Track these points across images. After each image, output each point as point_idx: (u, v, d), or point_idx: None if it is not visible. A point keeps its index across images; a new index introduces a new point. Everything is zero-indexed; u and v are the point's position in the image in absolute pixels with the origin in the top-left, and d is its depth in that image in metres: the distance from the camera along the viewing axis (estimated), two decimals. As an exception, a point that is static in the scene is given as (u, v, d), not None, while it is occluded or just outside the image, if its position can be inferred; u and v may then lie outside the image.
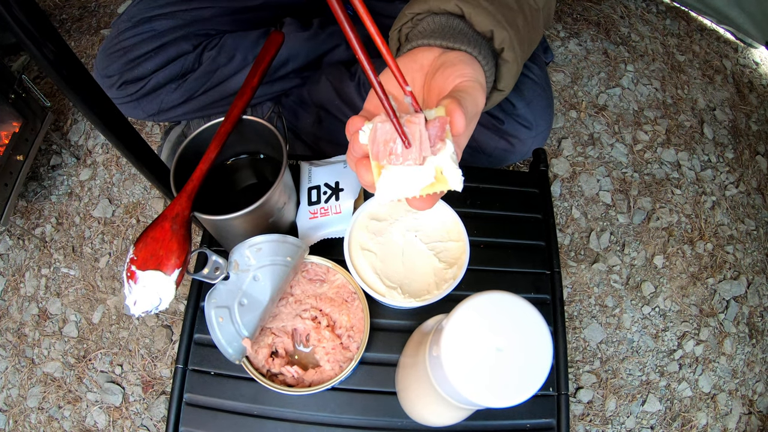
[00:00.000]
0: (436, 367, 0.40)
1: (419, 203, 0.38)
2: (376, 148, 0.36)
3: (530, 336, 0.38)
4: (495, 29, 0.50)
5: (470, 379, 0.37)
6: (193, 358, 0.68)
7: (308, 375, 0.62)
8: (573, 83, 1.41)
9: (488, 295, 0.39)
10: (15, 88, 1.16)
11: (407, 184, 0.36)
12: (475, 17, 0.50)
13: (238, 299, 0.58)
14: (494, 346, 0.38)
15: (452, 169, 0.36)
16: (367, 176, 0.38)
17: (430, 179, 0.36)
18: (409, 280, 0.64)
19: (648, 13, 1.57)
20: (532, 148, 0.88)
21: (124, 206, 1.24)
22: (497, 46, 0.51)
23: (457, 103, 0.37)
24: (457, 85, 0.42)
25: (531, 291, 0.75)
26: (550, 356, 0.37)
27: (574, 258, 1.22)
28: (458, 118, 0.36)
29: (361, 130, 0.37)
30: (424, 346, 0.46)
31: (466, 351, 0.37)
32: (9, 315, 1.17)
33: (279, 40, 0.68)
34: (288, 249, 0.59)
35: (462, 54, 0.47)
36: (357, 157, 0.39)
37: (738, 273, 1.23)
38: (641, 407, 1.11)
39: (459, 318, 0.38)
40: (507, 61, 0.52)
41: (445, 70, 0.44)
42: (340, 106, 0.96)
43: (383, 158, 0.36)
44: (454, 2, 0.51)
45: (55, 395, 1.09)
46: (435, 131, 0.36)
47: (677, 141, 1.37)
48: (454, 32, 0.50)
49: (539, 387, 0.37)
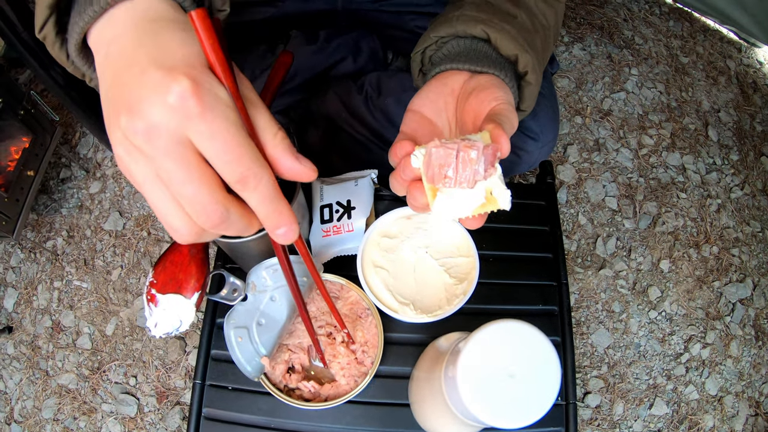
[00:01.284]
0: (451, 387, 0.42)
1: (471, 222, 0.40)
2: (431, 172, 0.38)
3: (540, 364, 0.40)
4: (519, 53, 0.51)
5: (483, 401, 0.39)
6: (211, 374, 0.70)
7: (324, 389, 0.63)
8: (578, 89, 1.42)
9: (503, 324, 0.40)
10: (24, 104, 1.18)
11: (461, 206, 0.38)
12: (501, 41, 0.51)
13: (256, 319, 0.59)
14: (507, 372, 0.39)
15: (502, 190, 0.38)
16: (420, 198, 0.39)
17: (482, 200, 0.38)
18: (421, 295, 0.65)
19: (651, 15, 1.57)
20: (538, 158, 0.89)
21: (135, 219, 1.26)
22: (521, 69, 0.52)
23: (501, 129, 0.39)
24: (494, 109, 0.43)
25: (539, 303, 0.76)
26: (558, 383, 0.39)
27: (581, 264, 1.23)
28: (505, 143, 0.38)
29: (413, 155, 0.39)
30: (440, 366, 0.47)
31: (481, 375, 0.39)
32: (22, 327, 1.19)
33: (288, 61, 0.69)
34: (304, 269, 0.60)
35: (492, 77, 0.48)
36: (408, 180, 0.40)
37: (744, 275, 1.24)
38: (648, 411, 1.12)
39: (475, 344, 0.40)
40: (530, 83, 0.53)
41: (479, 93, 0.45)
42: (347, 120, 0.96)
43: (438, 182, 0.38)
44: (480, 27, 0.52)
45: (70, 406, 1.10)
46: (488, 158, 0.37)
47: (682, 144, 1.38)
48: (481, 56, 0.51)
49: (546, 411, 0.39)
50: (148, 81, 0.29)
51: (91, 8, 0.32)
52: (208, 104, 0.28)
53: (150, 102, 0.28)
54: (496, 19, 0.53)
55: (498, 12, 0.55)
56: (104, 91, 0.31)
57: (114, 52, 0.31)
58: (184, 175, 0.29)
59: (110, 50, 0.32)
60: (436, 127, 0.49)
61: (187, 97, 0.28)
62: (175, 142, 0.28)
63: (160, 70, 0.29)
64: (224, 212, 0.30)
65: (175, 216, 0.30)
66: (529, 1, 0.59)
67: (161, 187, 0.30)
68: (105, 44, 0.32)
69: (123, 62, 0.31)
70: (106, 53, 0.32)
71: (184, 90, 0.28)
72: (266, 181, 0.30)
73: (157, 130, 0.28)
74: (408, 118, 0.48)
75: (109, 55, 0.32)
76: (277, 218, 0.32)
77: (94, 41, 0.34)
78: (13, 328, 1.19)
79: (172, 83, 0.28)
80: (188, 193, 0.29)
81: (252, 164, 0.30)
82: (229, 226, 0.31)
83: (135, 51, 0.30)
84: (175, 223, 0.30)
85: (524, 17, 0.56)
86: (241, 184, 0.30)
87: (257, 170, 0.30)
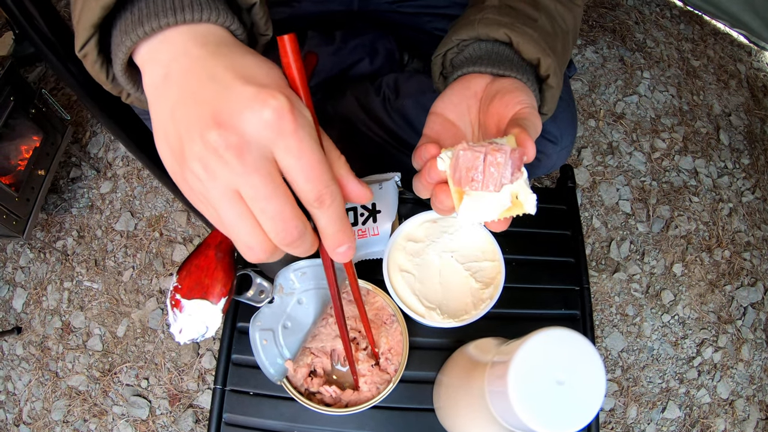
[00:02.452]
0: (498, 397, 0.42)
1: (496, 225, 0.40)
2: (458, 175, 0.37)
3: (586, 370, 0.40)
4: (542, 57, 0.51)
5: (534, 410, 0.39)
6: (232, 379, 0.69)
7: (345, 395, 0.63)
8: (591, 92, 1.42)
9: (550, 332, 0.40)
10: (35, 102, 1.17)
11: (487, 209, 0.38)
12: (523, 45, 0.51)
13: (282, 322, 0.59)
14: (555, 380, 0.39)
15: (527, 194, 0.38)
16: (446, 201, 0.39)
17: (507, 204, 0.38)
18: (447, 300, 0.64)
19: (662, 18, 1.57)
20: (557, 161, 0.89)
21: (147, 219, 1.25)
22: (543, 73, 0.52)
23: (526, 133, 0.39)
24: (518, 112, 0.43)
25: (561, 307, 0.75)
26: (603, 388, 0.40)
27: (596, 268, 1.22)
28: (531, 147, 0.38)
29: (440, 158, 0.39)
30: (478, 373, 0.47)
31: (531, 385, 0.39)
32: (32, 328, 1.18)
33: (313, 62, 0.69)
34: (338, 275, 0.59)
35: (514, 81, 0.48)
36: (433, 182, 0.40)
37: (755, 279, 1.24)
38: (661, 414, 1.12)
39: (525, 354, 0.40)
40: (552, 86, 0.53)
41: (503, 96, 0.45)
42: (365, 121, 0.96)
43: (465, 185, 0.37)
44: (503, 30, 0.51)
45: (80, 408, 1.10)
46: (515, 162, 0.37)
47: (694, 148, 1.38)
48: (503, 59, 0.50)
49: (594, 416, 0.39)
50: (240, 97, 0.29)
51: (142, 28, 0.32)
52: (300, 123, 0.29)
53: (244, 117, 0.28)
54: (518, 23, 0.52)
55: (519, 15, 0.54)
56: (168, 109, 0.31)
57: (177, 71, 0.31)
58: (270, 191, 0.29)
59: (171, 69, 0.32)
60: (459, 130, 0.49)
61: (284, 114, 0.28)
62: (264, 158, 0.29)
63: (250, 86, 0.29)
64: (302, 229, 0.31)
65: (252, 234, 0.30)
66: (549, 5, 0.59)
67: (240, 204, 0.30)
68: (162, 64, 0.32)
69: (194, 80, 0.30)
70: (165, 73, 0.32)
71: (282, 106, 0.28)
72: (339, 200, 0.31)
73: (249, 145, 0.28)
74: (431, 121, 0.47)
75: (170, 74, 0.32)
76: (342, 237, 0.32)
77: (143, 60, 0.34)
78: (22, 329, 1.18)
79: (269, 99, 0.28)
80: (271, 209, 0.29)
81: (330, 183, 0.30)
82: (301, 244, 0.31)
83: (211, 69, 0.30)
84: (251, 241, 0.30)
85: (544, 20, 0.56)
86: (318, 202, 0.31)
87: (333, 189, 0.31)
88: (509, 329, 0.72)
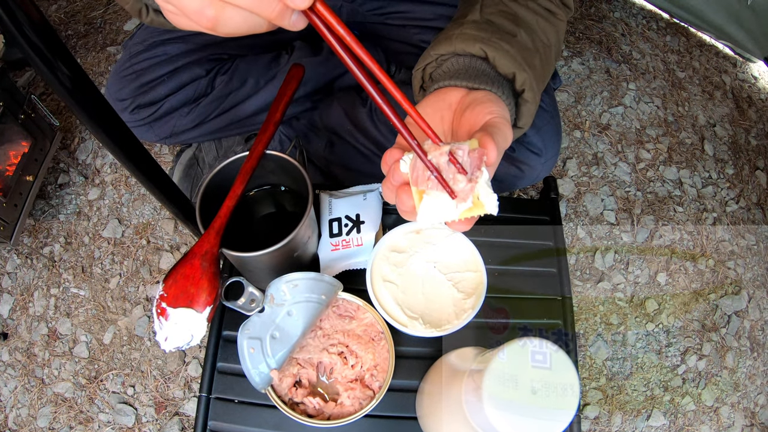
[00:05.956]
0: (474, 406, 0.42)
1: (458, 226, 0.41)
2: (416, 174, 0.38)
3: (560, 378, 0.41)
4: (517, 72, 0.52)
5: (509, 419, 0.40)
6: (217, 387, 0.69)
7: (328, 407, 0.63)
8: (577, 103, 1.43)
9: (522, 342, 0.41)
10: (24, 107, 1.17)
11: (447, 209, 0.38)
12: (499, 60, 0.52)
13: (271, 332, 0.59)
14: (530, 389, 0.40)
15: (488, 195, 0.38)
16: (408, 202, 0.40)
17: (469, 204, 0.38)
18: (430, 310, 0.65)
19: (649, 30, 1.60)
20: (541, 173, 0.90)
21: (134, 227, 1.25)
22: (518, 87, 0.53)
23: (490, 137, 0.39)
24: (488, 121, 0.44)
25: (543, 317, 0.76)
26: (578, 396, 0.40)
27: (580, 277, 1.24)
28: (492, 149, 0.39)
29: (402, 160, 0.40)
30: (456, 382, 0.48)
31: (505, 394, 0.40)
32: (18, 334, 1.17)
33: (300, 74, 0.70)
34: (323, 287, 0.60)
35: (488, 93, 0.49)
36: (396, 184, 0.41)
37: (739, 288, 1.26)
38: (646, 422, 1.13)
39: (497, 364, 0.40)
40: (527, 101, 0.54)
41: (475, 107, 0.46)
42: (351, 131, 0.97)
43: (422, 184, 0.38)
44: (479, 46, 0.53)
45: (66, 415, 1.09)
46: (474, 162, 0.38)
47: (679, 159, 1.40)
48: (478, 73, 0.52)
49: (569, 423, 0.40)
50: None
51: None
52: None
53: None
54: (495, 38, 0.54)
55: (497, 31, 0.56)
56: None
57: None
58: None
59: None
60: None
61: None
62: None
63: None
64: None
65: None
66: (530, 20, 0.60)
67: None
68: None
69: None
70: None
71: None
72: None
73: None
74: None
75: None
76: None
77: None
78: (8, 335, 1.17)
79: None
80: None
81: None
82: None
83: None
84: None
85: (524, 36, 0.57)
86: None
87: None
88: (491, 339, 0.73)
